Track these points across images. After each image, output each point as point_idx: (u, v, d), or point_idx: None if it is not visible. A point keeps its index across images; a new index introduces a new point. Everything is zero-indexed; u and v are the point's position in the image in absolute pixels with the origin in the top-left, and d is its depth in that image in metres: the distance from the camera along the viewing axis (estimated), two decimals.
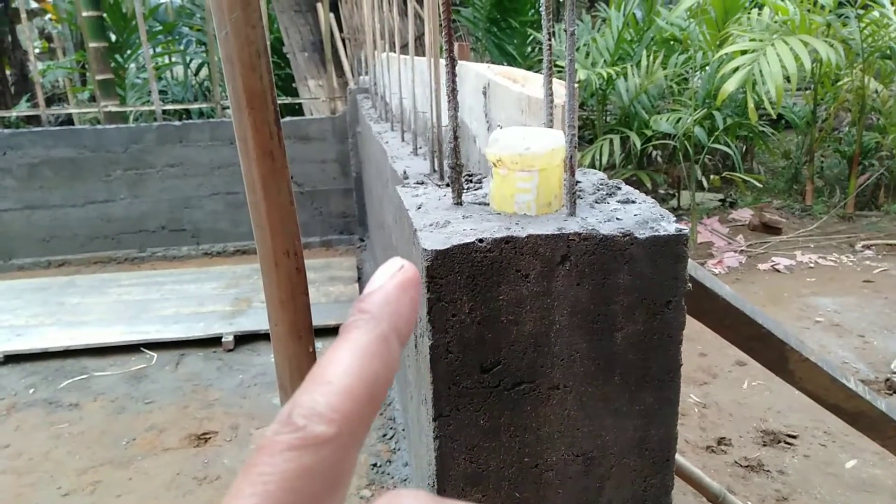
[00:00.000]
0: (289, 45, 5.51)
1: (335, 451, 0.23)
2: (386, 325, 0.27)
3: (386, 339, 0.26)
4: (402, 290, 0.28)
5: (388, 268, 0.29)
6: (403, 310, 0.28)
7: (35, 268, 4.23)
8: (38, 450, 2.31)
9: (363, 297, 0.28)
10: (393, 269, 0.29)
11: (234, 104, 0.66)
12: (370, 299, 0.27)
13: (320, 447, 0.23)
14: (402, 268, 0.29)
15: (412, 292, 0.28)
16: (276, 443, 0.23)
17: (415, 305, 0.29)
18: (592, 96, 4.86)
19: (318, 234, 4.53)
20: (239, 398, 2.62)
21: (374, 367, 0.25)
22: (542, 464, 0.69)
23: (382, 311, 0.27)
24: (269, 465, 0.22)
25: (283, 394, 0.71)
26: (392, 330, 0.27)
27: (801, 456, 2.22)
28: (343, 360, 0.25)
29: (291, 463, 0.22)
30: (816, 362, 1.34)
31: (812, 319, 3.23)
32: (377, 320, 0.27)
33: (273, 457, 0.23)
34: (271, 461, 0.23)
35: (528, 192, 0.69)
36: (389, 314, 0.27)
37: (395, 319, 0.27)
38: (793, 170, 5.52)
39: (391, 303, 0.27)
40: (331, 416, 0.23)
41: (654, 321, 0.66)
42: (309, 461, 0.23)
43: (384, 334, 0.26)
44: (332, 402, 0.24)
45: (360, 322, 0.27)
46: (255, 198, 0.66)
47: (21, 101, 6.76)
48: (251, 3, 0.64)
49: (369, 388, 0.25)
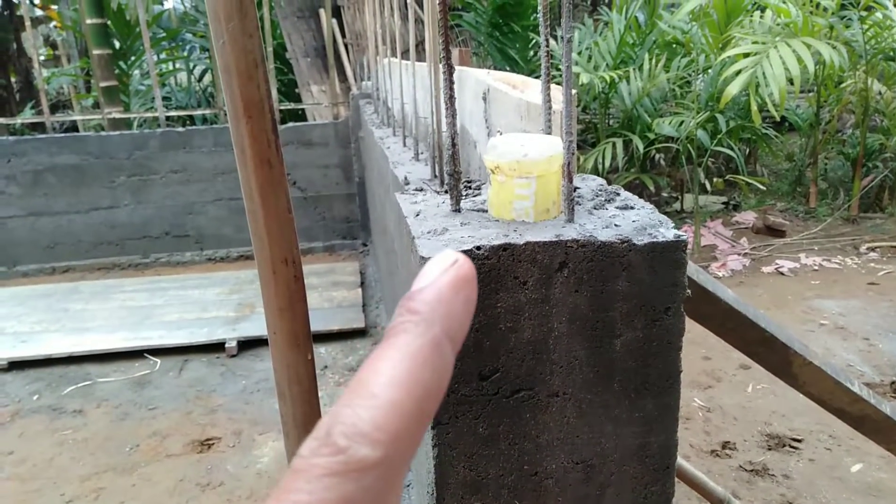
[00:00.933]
0: (291, 50, 5.53)
1: (380, 479, 0.20)
2: (438, 328, 0.23)
3: (438, 345, 0.23)
4: (456, 289, 0.24)
5: (441, 261, 0.25)
6: (457, 311, 0.24)
7: (39, 274, 4.25)
8: (41, 456, 2.32)
9: (412, 295, 0.24)
10: (446, 264, 0.25)
11: (232, 113, 0.66)
12: (421, 297, 0.24)
13: (364, 473, 0.20)
14: (455, 262, 0.25)
15: (468, 291, 0.25)
16: (315, 466, 0.20)
17: (471, 306, 0.25)
18: (595, 100, 4.86)
19: (321, 239, 4.53)
20: (242, 404, 2.63)
21: (425, 379, 0.22)
22: (541, 471, 0.68)
23: (434, 312, 0.24)
24: (305, 493, 0.19)
25: (282, 402, 0.71)
26: (445, 334, 0.23)
27: (807, 460, 2.21)
28: (390, 370, 0.22)
29: (331, 492, 0.19)
30: (820, 366, 1.33)
31: (816, 322, 3.22)
32: (428, 323, 0.23)
33: (310, 483, 0.20)
34: (308, 487, 0.19)
35: (526, 199, 0.69)
36: (442, 316, 0.24)
37: (448, 322, 0.24)
38: (796, 172, 5.51)
39: (444, 303, 0.24)
40: (376, 435, 0.20)
41: (654, 328, 0.66)
42: (351, 490, 0.19)
43: (437, 339, 0.23)
44: (378, 420, 0.21)
45: (408, 325, 0.23)
46: (253, 206, 0.66)
47: (26, 109, 6.79)
48: (248, 12, 0.64)
49: (419, 402, 0.22)
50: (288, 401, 0.70)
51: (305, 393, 0.70)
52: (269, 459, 2.26)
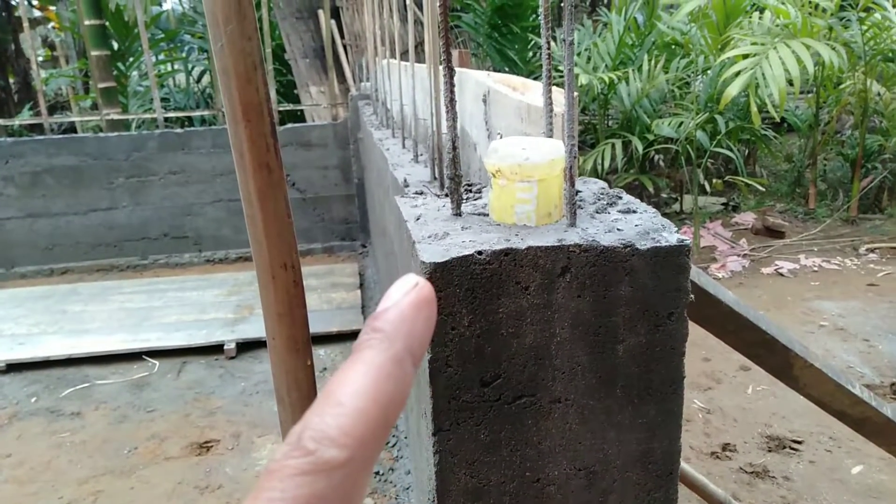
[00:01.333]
0: (290, 51, 5.52)
1: (347, 477, 0.23)
2: (400, 345, 0.26)
3: (400, 360, 0.26)
4: (417, 309, 0.27)
5: (403, 284, 0.28)
6: (418, 330, 0.27)
7: (37, 276, 4.24)
8: (39, 459, 2.31)
9: (377, 315, 0.27)
10: (408, 286, 0.28)
11: (231, 116, 0.65)
12: (384, 317, 0.27)
13: (332, 472, 0.22)
14: (416, 285, 0.28)
15: (428, 311, 0.28)
16: (286, 467, 0.22)
17: (430, 325, 0.28)
18: (594, 101, 4.86)
19: (320, 240, 4.53)
20: (241, 406, 2.62)
21: (388, 389, 0.25)
22: (543, 478, 0.68)
23: (397, 330, 0.26)
24: (278, 491, 0.22)
25: (281, 407, 0.71)
26: (406, 350, 0.26)
27: (807, 462, 2.20)
28: (356, 381, 0.24)
29: (302, 489, 0.22)
30: (821, 368, 1.33)
31: (816, 324, 3.22)
32: (391, 340, 0.26)
33: (283, 482, 0.22)
34: (281, 486, 0.22)
35: (528, 203, 0.68)
36: (404, 334, 0.26)
37: (409, 340, 0.26)
38: (795, 173, 5.51)
39: (406, 322, 0.27)
40: (343, 440, 0.23)
41: (657, 333, 0.65)
42: (320, 487, 0.22)
43: (398, 355, 0.26)
44: (345, 425, 0.23)
45: (373, 341, 0.26)
46: (252, 210, 0.66)
47: (24, 110, 6.78)
48: (247, 15, 0.63)
49: (383, 410, 0.24)
50: (287, 406, 0.69)
51: (305, 399, 0.69)
52: (268, 462, 2.25)
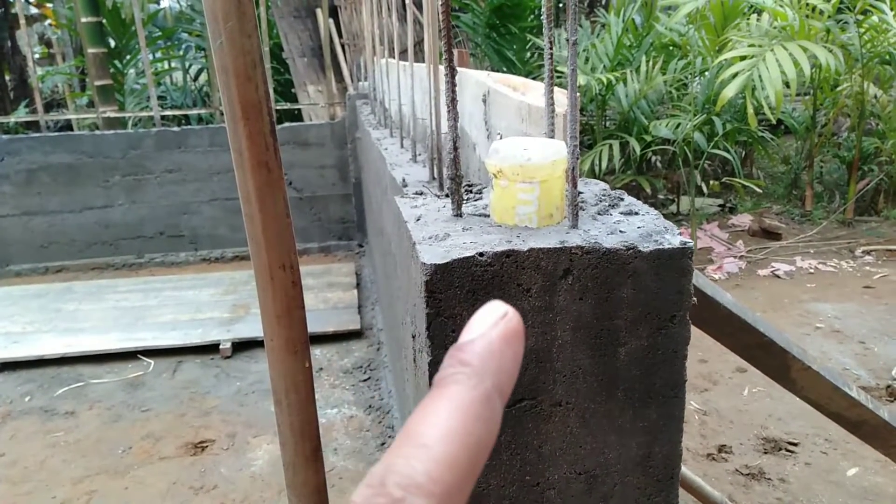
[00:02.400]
0: (288, 50, 5.51)
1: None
2: (490, 382, 0.24)
3: (490, 399, 0.23)
4: (506, 343, 0.25)
5: (490, 314, 0.25)
6: (507, 366, 0.25)
7: (32, 274, 4.22)
8: (33, 458, 2.29)
9: (462, 347, 0.25)
10: (496, 317, 0.25)
11: (229, 115, 0.64)
12: (471, 350, 0.24)
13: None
14: (505, 315, 0.25)
15: (516, 346, 0.25)
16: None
17: (518, 360, 0.25)
18: (592, 102, 4.86)
19: (317, 239, 4.52)
20: (236, 406, 2.61)
21: (477, 432, 0.22)
22: (543, 482, 0.67)
23: (486, 365, 0.24)
24: None
25: (278, 409, 0.70)
26: (495, 389, 0.24)
27: (803, 464, 2.20)
28: (443, 422, 0.22)
29: None
30: (818, 371, 1.33)
31: (812, 325, 3.22)
32: (480, 376, 0.24)
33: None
34: None
35: (530, 204, 0.67)
36: (493, 370, 0.24)
37: (498, 376, 0.24)
38: (792, 175, 5.52)
39: (495, 357, 0.24)
40: (430, 488, 0.21)
41: (659, 336, 0.65)
42: None
43: (487, 393, 0.23)
44: (433, 472, 0.21)
45: (460, 377, 0.23)
46: (251, 210, 0.65)
47: (20, 107, 6.75)
48: (246, 12, 0.62)
49: (472, 456, 0.22)
50: (285, 409, 0.68)
51: (303, 401, 0.69)
52: (264, 462, 2.24)
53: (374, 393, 2.66)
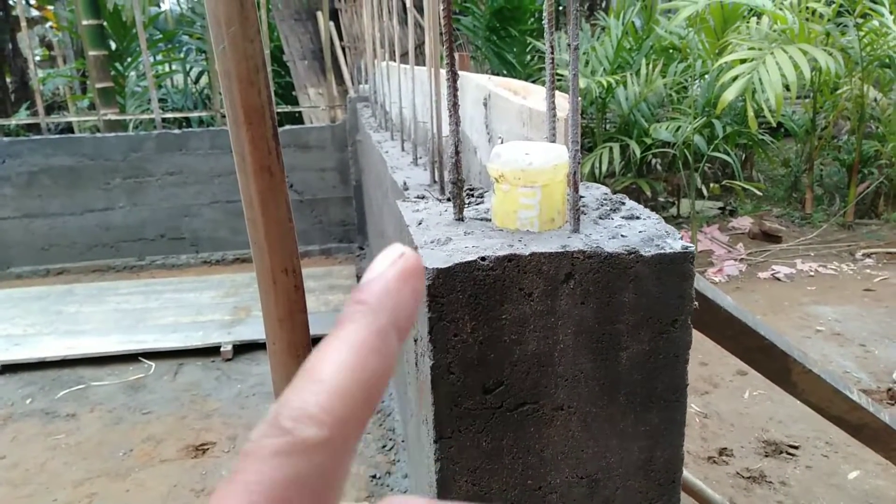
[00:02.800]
0: (289, 53, 5.52)
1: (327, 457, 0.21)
2: (385, 318, 0.24)
3: (384, 333, 0.24)
4: (403, 280, 0.26)
5: (388, 255, 0.27)
6: (404, 302, 0.25)
7: (33, 276, 4.22)
8: (34, 461, 2.29)
9: (361, 287, 0.26)
10: (393, 256, 0.26)
11: (232, 119, 0.65)
12: (368, 289, 0.25)
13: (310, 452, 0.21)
14: (402, 255, 0.26)
15: (414, 283, 0.26)
16: (263, 447, 0.21)
17: (417, 297, 0.26)
18: (592, 104, 4.86)
19: (318, 242, 4.52)
20: (237, 408, 2.61)
21: (371, 365, 0.23)
22: (545, 486, 0.67)
23: (382, 302, 0.25)
24: (254, 473, 0.21)
25: None
26: (391, 324, 0.25)
27: (804, 467, 2.20)
28: (337, 357, 0.23)
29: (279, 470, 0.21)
30: (819, 374, 1.33)
31: (813, 328, 3.22)
32: (375, 313, 0.24)
33: (259, 463, 0.21)
34: (257, 468, 0.21)
35: (531, 209, 0.68)
36: (389, 307, 0.25)
37: (395, 313, 0.25)
38: (792, 178, 5.52)
39: (391, 294, 0.25)
40: (322, 417, 0.21)
41: (660, 340, 0.65)
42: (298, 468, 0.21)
43: (383, 328, 0.24)
44: (324, 403, 0.22)
45: (356, 314, 0.24)
46: (253, 214, 0.65)
47: (21, 109, 6.76)
48: (249, 17, 0.63)
49: (365, 387, 0.23)
50: None
51: None
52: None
53: None
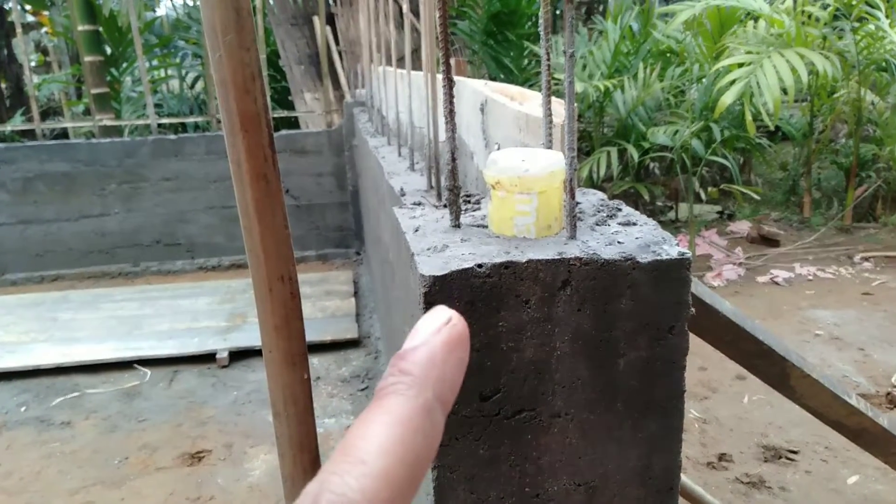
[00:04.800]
0: (285, 58, 5.52)
1: None
2: (430, 392, 0.23)
3: (430, 410, 0.23)
4: (449, 350, 0.24)
5: (433, 320, 0.25)
6: (450, 373, 0.24)
7: (28, 283, 4.20)
8: (29, 469, 2.28)
9: (404, 355, 0.24)
10: (439, 322, 0.25)
11: (228, 127, 0.64)
12: (412, 358, 0.24)
13: None
14: (449, 321, 0.25)
15: (460, 352, 0.25)
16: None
17: (462, 368, 0.25)
18: (589, 109, 4.87)
19: (314, 247, 4.51)
20: (233, 416, 2.59)
21: (416, 445, 0.22)
22: (542, 494, 0.67)
23: (427, 374, 0.23)
24: None
25: (277, 421, 0.70)
26: (437, 398, 0.23)
27: (803, 472, 2.20)
28: (380, 436, 0.21)
29: None
30: (818, 379, 1.32)
31: (811, 332, 3.22)
32: (420, 386, 0.23)
33: None
34: None
35: (528, 215, 0.67)
36: (435, 379, 0.23)
37: (440, 385, 0.23)
38: (790, 182, 5.53)
39: (437, 365, 0.24)
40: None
41: (658, 347, 0.65)
42: None
43: (428, 404, 0.23)
44: (368, 489, 0.20)
45: (400, 387, 0.23)
46: (249, 222, 0.65)
47: (16, 115, 6.75)
48: (245, 25, 0.62)
49: (409, 469, 0.21)
50: (284, 421, 0.68)
51: (301, 413, 0.68)
52: (261, 473, 2.23)
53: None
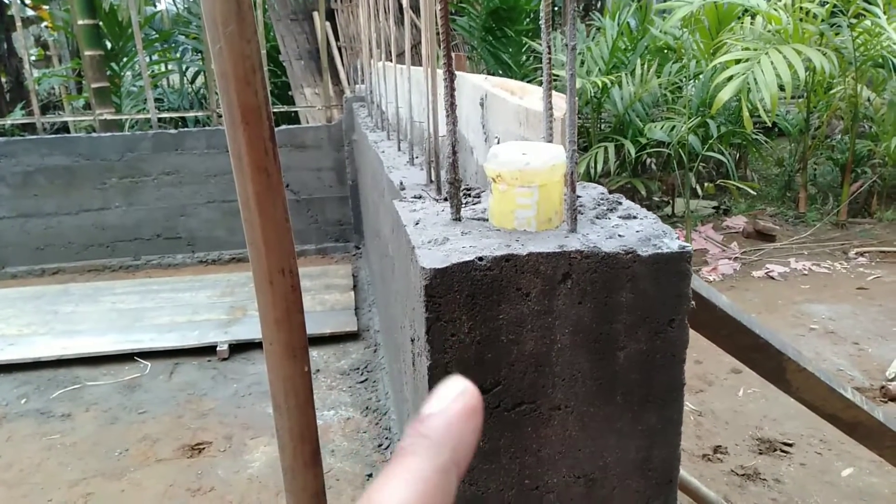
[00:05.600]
0: (285, 53, 5.51)
1: None
2: (448, 455, 0.24)
3: (447, 471, 0.24)
4: (465, 418, 0.26)
5: (451, 389, 0.27)
6: (465, 439, 0.25)
7: (29, 276, 4.20)
8: (29, 461, 2.28)
9: (423, 419, 0.25)
10: (455, 392, 0.26)
11: (229, 120, 0.65)
12: (430, 424, 0.25)
13: None
14: (465, 391, 0.26)
15: (476, 421, 0.26)
16: None
17: (476, 435, 0.26)
18: (587, 104, 4.87)
19: (314, 241, 4.51)
20: (233, 408, 2.60)
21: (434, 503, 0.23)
22: (542, 486, 0.67)
23: (444, 438, 0.25)
24: None
25: (277, 414, 0.70)
26: (453, 461, 0.24)
27: (798, 464, 2.21)
28: (401, 492, 0.22)
29: None
30: (814, 372, 1.33)
31: (807, 327, 3.23)
32: (438, 449, 0.24)
33: None
34: None
35: (529, 208, 0.68)
36: (452, 444, 0.25)
37: (456, 450, 0.25)
38: (786, 177, 5.54)
39: (453, 431, 0.25)
40: None
41: (657, 340, 0.65)
42: None
43: (445, 466, 0.24)
44: None
45: (419, 448, 0.24)
46: (250, 215, 0.65)
47: (16, 109, 6.73)
48: (246, 16, 0.63)
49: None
50: (284, 413, 0.69)
51: (301, 406, 0.69)
52: (261, 464, 2.24)
53: (371, 395, 2.66)
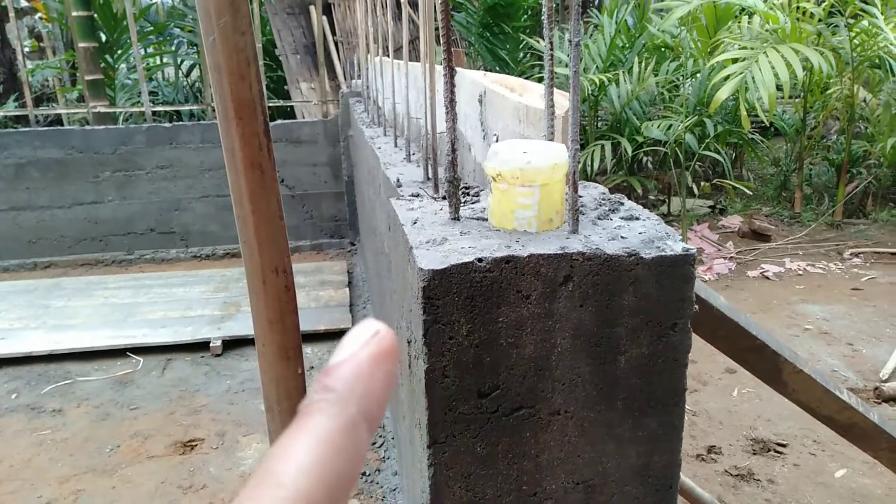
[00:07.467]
0: (281, 47, 5.48)
1: None
2: (355, 408, 0.22)
3: (354, 426, 0.22)
4: (376, 364, 0.24)
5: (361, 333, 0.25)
6: (376, 388, 0.23)
7: (20, 270, 4.17)
8: (19, 457, 2.26)
9: (329, 370, 0.23)
10: (366, 336, 0.24)
11: (222, 114, 0.63)
12: (337, 374, 0.23)
13: None
14: (377, 334, 0.24)
15: (388, 366, 0.24)
16: None
17: (390, 382, 0.24)
18: (584, 102, 4.86)
19: (309, 237, 4.49)
20: (226, 404, 2.58)
21: (337, 467, 0.21)
22: (540, 492, 0.66)
23: (352, 389, 0.23)
24: None
25: (269, 416, 0.69)
26: (361, 415, 0.22)
27: (791, 465, 2.21)
28: (300, 457, 0.21)
29: None
30: (810, 374, 1.33)
31: (801, 327, 3.24)
32: (344, 403, 0.22)
33: None
34: None
35: (529, 208, 0.66)
36: (360, 394, 0.23)
37: (365, 401, 0.23)
38: (782, 177, 5.55)
39: (362, 379, 0.23)
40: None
41: (660, 344, 0.64)
42: None
43: (352, 421, 0.22)
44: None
45: (323, 404, 0.22)
46: (243, 212, 0.63)
47: (9, 101, 6.67)
48: (240, 8, 0.61)
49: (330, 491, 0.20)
50: (276, 416, 0.67)
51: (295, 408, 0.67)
52: (254, 461, 2.22)
53: None
